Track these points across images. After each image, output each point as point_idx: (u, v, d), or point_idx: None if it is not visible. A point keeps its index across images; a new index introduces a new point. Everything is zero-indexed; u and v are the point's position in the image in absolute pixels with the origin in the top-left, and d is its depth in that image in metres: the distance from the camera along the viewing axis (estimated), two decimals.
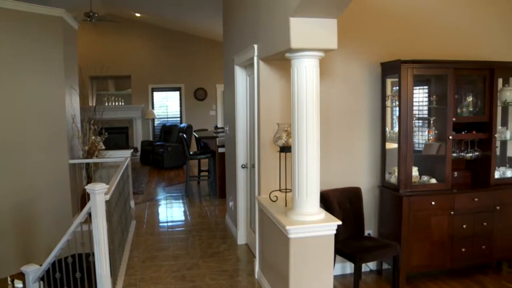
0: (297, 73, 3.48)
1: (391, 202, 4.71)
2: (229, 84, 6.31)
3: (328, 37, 3.40)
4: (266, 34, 4.12)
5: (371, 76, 4.90)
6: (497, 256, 4.95)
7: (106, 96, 13.51)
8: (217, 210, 7.71)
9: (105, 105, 12.87)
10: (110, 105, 13.54)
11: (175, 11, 11.05)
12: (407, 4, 4.98)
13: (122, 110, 13.67)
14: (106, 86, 13.68)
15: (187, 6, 10.08)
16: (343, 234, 4.52)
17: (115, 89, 14.07)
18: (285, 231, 3.51)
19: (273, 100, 4.44)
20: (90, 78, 12.82)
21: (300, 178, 3.54)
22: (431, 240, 4.64)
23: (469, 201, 4.73)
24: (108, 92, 13.71)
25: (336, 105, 4.82)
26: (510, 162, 5.21)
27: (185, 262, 5.24)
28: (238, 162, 5.63)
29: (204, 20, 11.20)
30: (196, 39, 13.89)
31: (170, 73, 13.92)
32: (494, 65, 4.81)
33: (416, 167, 4.75)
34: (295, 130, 3.54)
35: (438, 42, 5.07)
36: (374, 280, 4.85)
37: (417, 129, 4.92)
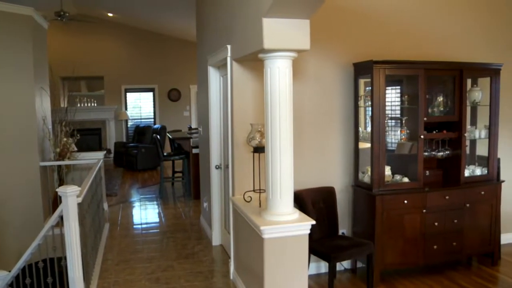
0: (270, 74, 3.49)
1: (365, 201, 4.76)
2: (202, 84, 6.28)
3: (300, 38, 3.41)
4: (239, 35, 4.11)
5: (344, 76, 4.94)
6: (467, 252, 5.06)
7: (78, 97, 13.31)
8: (191, 211, 7.66)
9: (77, 106, 12.68)
10: (82, 106, 13.34)
11: (148, 11, 10.95)
12: (379, 6, 5.03)
13: (95, 111, 13.49)
14: (78, 87, 13.47)
15: (160, 6, 10.00)
16: (317, 234, 4.55)
17: (88, 90, 13.88)
18: (260, 232, 3.51)
19: (247, 101, 4.43)
20: (61, 79, 12.61)
21: (273, 178, 3.54)
22: (404, 238, 4.70)
23: (441, 199, 4.81)
24: (80, 93, 13.51)
25: (309, 105, 4.85)
26: (479, 161, 5.32)
27: (159, 264, 5.19)
28: (212, 163, 5.61)
29: (177, 20, 11.13)
30: (170, 40, 13.80)
31: (143, 74, 13.78)
32: (463, 66, 4.91)
33: (389, 166, 4.81)
34: (268, 130, 3.54)
35: (410, 43, 5.15)
36: (348, 279, 4.89)
37: (390, 128, 4.98)
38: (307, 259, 3.73)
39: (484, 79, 5.21)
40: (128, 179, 11.04)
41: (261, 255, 3.57)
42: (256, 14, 3.45)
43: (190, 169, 8.64)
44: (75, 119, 7.76)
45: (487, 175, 5.15)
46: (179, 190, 9.51)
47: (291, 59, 3.51)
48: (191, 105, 14.30)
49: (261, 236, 3.52)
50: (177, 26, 12.01)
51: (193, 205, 8.08)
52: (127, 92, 13.92)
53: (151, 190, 9.53)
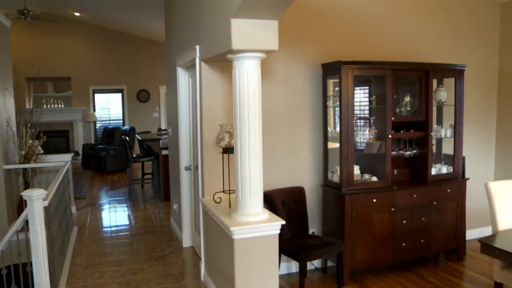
0: (239, 74, 3.48)
1: (334, 201, 4.80)
2: (171, 85, 6.23)
3: (269, 38, 3.42)
4: (208, 35, 4.09)
5: (312, 77, 4.97)
6: (435, 248, 5.16)
7: (45, 98, 13.03)
8: (161, 213, 7.60)
9: (44, 108, 12.42)
10: (48, 108, 13.07)
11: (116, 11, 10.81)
12: (348, 7, 5.09)
13: (62, 113, 13.24)
14: (44, 88, 13.20)
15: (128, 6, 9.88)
16: (287, 234, 4.56)
17: (54, 91, 13.62)
18: (230, 232, 3.50)
19: (216, 101, 4.42)
20: (26, 79, 12.34)
21: (243, 179, 3.54)
22: (373, 236, 4.75)
23: (409, 197, 4.89)
24: (47, 94, 13.24)
25: (278, 106, 4.86)
26: (445, 159, 5.42)
27: (129, 267, 5.12)
28: (181, 164, 5.57)
29: (146, 20, 11.02)
30: (138, 40, 13.65)
31: (112, 75, 13.60)
32: (429, 67, 5.00)
33: (358, 166, 4.86)
34: (237, 131, 3.53)
35: (378, 44, 5.22)
36: (319, 278, 4.92)
37: (359, 128, 5.03)
38: (278, 259, 3.74)
39: (449, 80, 5.32)
40: (97, 181, 10.87)
41: (232, 256, 3.56)
42: (225, 15, 3.44)
43: (159, 171, 8.56)
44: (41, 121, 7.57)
45: (453, 173, 5.26)
46: (149, 192, 9.41)
47: (259, 60, 3.52)
48: (160, 106, 14.18)
49: (231, 237, 3.51)
50: (146, 26, 11.89)
51: (163, 207, 8.01)
52: (95, 93, 13.71)
53: (121, 193, 9.41)
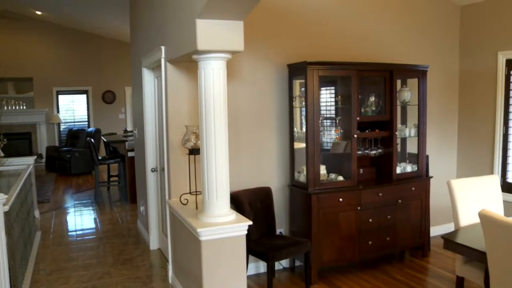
0: (204, 75, 3.46)
1: (301, 200, 4.82)
2: (137, 86, 6.16)
3: (234, 39, 3.41)
4: (173, 36, 4.06)
5: (278, 77, 4.99)
6: (400, 246, 5.25)
7: (5, 100, 12.66)
8: (128, 216, 7.50)
9: (4, 109, 12.08)
10: (9, 109, 12.70)
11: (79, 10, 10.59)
12: (313, 7, 5.13)
13: (24, 115, 12.89)
14: (4, 89, 12.81)
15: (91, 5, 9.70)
16: (255, 234, 4.57)
17: (16, 92, 13.24)
18: (196, 234, 3.48)
19: (182, 102, 4.39)
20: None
21: (209, 180, 3.52)
22: (340, 235, 4.80)
23: (374, 196, 4.96)
24: (7, 95, 12.86)
25: (244, 106, 4.86)
26: (410, 158, 5.52)
27: (95, 271, 5.03)
28: (148, 166, 5.52)
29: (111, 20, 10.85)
30: (104, 40, 13.43)
31: (76, 76, 13.32)
32: (393, 67, 5.08)
33: (324, 166, 4.90)
34: (203, 132, 3.52)
35: (344, 44, 5.28)
36: (287, 278, 4.95)
37: (325, 128, 5.08)
38: (246, 260, 3.74)
39: (412, 80, 5.42)
40: (61, 184, 10.65)
41: (199, 257, 3.54)
42: (190, 15, 3.42)
43: (126, 173, 8.45)
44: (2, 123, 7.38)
45: (417, 172, 5.37)
46: (115, 195, 9.28)
47: (225, 60, 3.51)
48: (126, 107, 13.98)
49: (198, 239, 3.49)
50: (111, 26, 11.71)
51: (129, 209, 7.91)
52: (59, 94, 13.41)
53: (86, 195, 9.24)
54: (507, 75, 5.56)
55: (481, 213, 3.01)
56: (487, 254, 3.06)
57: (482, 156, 5.91)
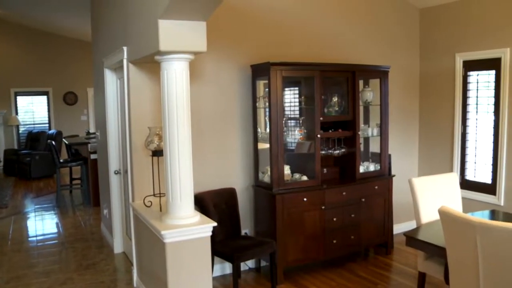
0: (167, 76, 3.44)
1: (265, 201, 4.84)
2: (99, 87, 6.06)
3: (197, 40, 3.40)
4: (135, 36, 4.01)
5: (242, 78, 4.99)
6: (365, 244, 5.32)
7: None
8: (91, 219, 7.36)
9: None
10: None
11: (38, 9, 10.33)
12: (276, 8, 5.15)
13: None
14: None
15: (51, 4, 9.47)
16: (220, 235, 4.55)
17: None
18: (161, 236, 3.45)
19: (144, 104, 4.34)
20: None
21: (173, 182, 3.50)
22: (305, 234, 4.84)
23: (338, 195, 5.01)
24: None
25: (208, 107, 4.84)
26: (373, 157, 5.61)
27: (57, 277, 4.91)
28: (111, 168, 5.43)
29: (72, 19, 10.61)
30: (65, 40, 13.12)
31: (36, 76, 12.95)
32: (355, 68, 5.15)
33: (288, 166, 4.93)
34: (166, 133, 3.49)
35: (307, 45, 5.33)
36: (253, 278, 4.95)
37: (289, 128, 5.11)
38: (211, 261, 3.72)
39: (374, 80, 5.51)
40: (21, 188, 10.36)
41: (164, 260, 3.51)
42: (152, 16, 3.39)
43: (88, 176, 8.29)
44: None
45: (380, 171, 5.46)
46: (78, 198, 9.09)
47: (188, 61, 3.49)
48: (88, 109, 13.70)
49: (162, 241, 3.46)
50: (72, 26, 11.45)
51: (93, 213, 7.76)
52: (17, 95, 13.02)
53: (47, 199, 9.02)
54: (465, 76, 5.71)
55: (440, 210, 3.09)
56: (447, 249, 3.14)
57: (442, 154, 6.06)
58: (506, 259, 2.70)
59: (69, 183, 9.69)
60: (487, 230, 2.75)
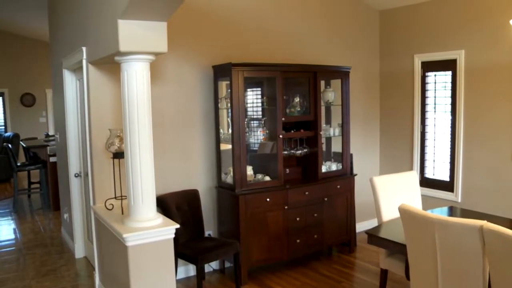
0: (127, 77, 3.39)
1: (228, 202, 4.83)
2: (58, 88, 5.92)
3: (158, 40, 3.37)
4: (95, 37, 3.94)
5: (204, 79, 4.97)
6: (328, 243, 5.38)
7: None
8: (51, 224, 7.18)
9: None
10: None
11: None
12: (238, 9, 5.16)
13: None
14: None
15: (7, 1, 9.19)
16: (183, 237, 4.52)
17: None
18: (123, 239, 3.39)
19: (105, 105, 4.27)
20: None
21: (134, 184, 3.45)
22: (269, 235, 4.86)
23: (301, 195, 5.05)
24: None
25: (170, 108, 4.80)
26: (335, 157, 5.68)
27: (14, 285, 4.75)
28: (71, 171, 5.32)
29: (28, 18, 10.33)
30: (21, 39, 12.73)
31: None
32: (316, 69, 5.21)
33: (251, 166, 4.94)
34: (127, 135, 3.44)
35: (269, 46, 5.35)
36: (217, 279, 4.94)
37: (252, 129, 5.12)
38: (174, 264, 3.69)
39: (336, 81, 5.57)
40: None
41: (126, 263, 3.45)
42: (112, 16, 3.33)
43: (48, 179, 8.09)
44: None
45: (342, 170, 5.53)
46: (36, 202, 8.85)
47: (148, 62, 3.45)
48: (47, 111, 13.36)
49: (124, 244, 3.41)
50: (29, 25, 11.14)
51: (53, 217, 7.58)
52: None
53: (4, 205, 8.74)
54: (423, 77, 5.86)
55: (400, 208, 3.15)
56: (407, 246, 3.20)
57: (402, 153, 6.19)
58: (463, 253, 2.78)
59: (27, 187, 9.43)
60: (445, 226, 2.83)
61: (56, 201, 7.53)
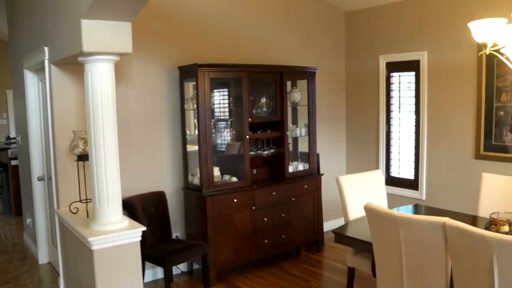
0: (91, 78, 3.33)
1: (196, 203, 4.81)
2: (19, 89, 5.77)
3: (122, 41, 3.32)
4: (57, 36, 3.86)
5: (170, 80, 4.93)
6: (296, 242, 5.42)
7: None
8: (13, 230, 7.00)
9: None
10: None
11: None
12: (204, 10, 5.14)
13: None
14: None
15: None
16: (150, 239, 4.48)
17: None
18: (88, 243, 3.33)
19: (68, 107, 4.18)
20: None
21: (100, 187, 3.39)
22: (236, 235, 4.85)
23: (268, 195, 5.07)
24: None
25: (136, 109, 4.75)
26: (302, 157, 5.72)
27: None
28: (33, 175, 5.20)
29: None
30: None
31: None
32: (282, 69, 5.23)
33: (218, 167, 4.93)
34: (91, 137, 3.38)
35: (235, 46, 5.35)
36: (186, 281, 4.90)
37: (219, 130, 5.11)
38: (141, 267, 3.65)
39: (302, 81, 5.61)
40: None
41: (92, 267, 3.39)
42: (75, 15, 3.27)
43: (9, 183, 7.88)
44: None
45: (309, 170, 5.57)
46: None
47: (113, 63, 3.40)
48: (8, 112, 12.98)
49: (89, 248, 3.35)
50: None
51: (15, 223, 7.39)
52: None
53: None
54: (388, 77, 5.96)
55: (366, 206, 3.19)
56: (373, 244, 3.24)
57: (368, 152, 6.28)
58: (426, 249, 2.84)
59: None
60: (408, 223, 2.88)
61: (18, 206, 7.33)
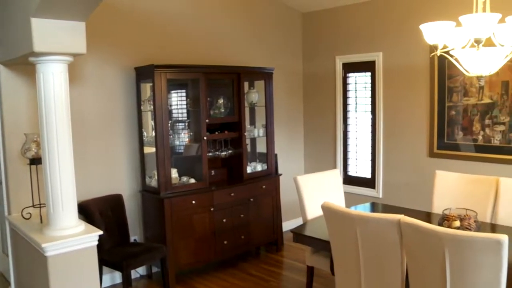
0: (43, 79, 3.25)
1: (154, 205, 4.75)
2: None
3: (76, 41, 3.26)
4: (6, 35, 3.74)
5: (126, 81, 4.85)
6: (255, 243, 5.44)
7: None
8: None
9: None
10: None
11: None
12: (160, 10, 5.08)
13: None
14: None
15: None
16: (107, 244, 4.39)
17: None
18: (41, 250, 3.24)
19: (20, 108, 4.05)
20: None
21: (54, 191, 3.31)
22: (196, 237, 4.83)
23: (227, 196, 5.06)
24: None
25: (91, 111, 4.65)
26: (260, 157, 5.74)
27: None
28: None
29: None
30: None
31: None
32: (240, 70, 5.24)
33: (176, 169, 4.89)
34: (44, 140, 3.29)
35: (191, 47, 5.32)
36: (145, 285, 4.85)
37: (177, 131, 5.07)
38: (99, 272, 3.58)
39: (259, 82, 5.63)
40: None
41: (46, 275, 3.30)
42: (24, 13, 3.17)
43: None
44: None
45: (267, 170, 5.59)
46: None
47: (66, 63, 3.33)
48: None
49: (43, 255, 3.25)
50: None
51: None
52: None
53: None
54: (344, 77, 6.06)
55: (323, 206, 3.23)
56: (331, 242, 3.29)
57: (326, 152, 6.36)
58: (382, 246, 2.91)
59: None
60: (365, 221, 2.94)
61: None
